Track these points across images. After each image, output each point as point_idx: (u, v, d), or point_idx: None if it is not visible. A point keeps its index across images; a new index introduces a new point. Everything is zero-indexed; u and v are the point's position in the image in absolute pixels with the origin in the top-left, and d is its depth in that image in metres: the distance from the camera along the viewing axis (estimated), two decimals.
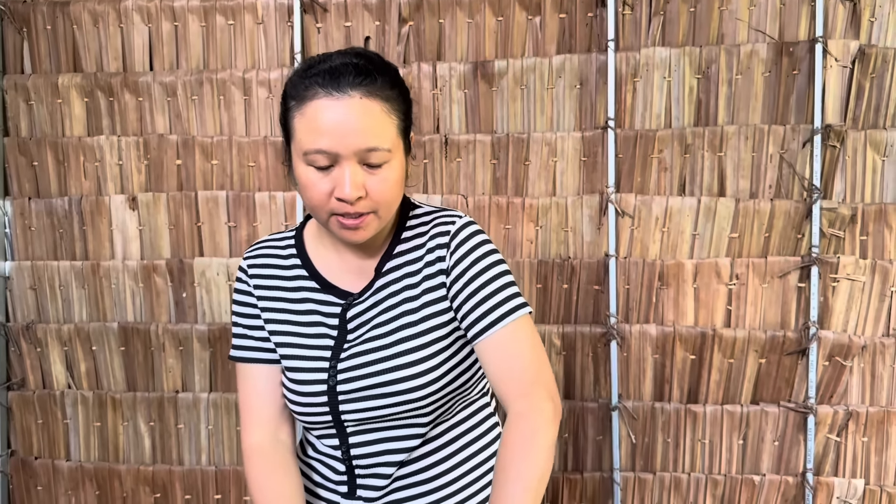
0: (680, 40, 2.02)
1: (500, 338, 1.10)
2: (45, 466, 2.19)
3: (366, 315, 1.15)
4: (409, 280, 1.15)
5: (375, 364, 1.12)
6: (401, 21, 2.07)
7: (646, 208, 2.03)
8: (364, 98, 1.02)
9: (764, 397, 2.02)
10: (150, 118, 2.14)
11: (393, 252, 1.17)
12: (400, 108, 1.08)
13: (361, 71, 1.03)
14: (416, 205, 1.23)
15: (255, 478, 1.18)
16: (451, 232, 1.14)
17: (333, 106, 1.01)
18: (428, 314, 1.14)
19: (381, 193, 1.05)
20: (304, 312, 1.18)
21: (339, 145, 1.01)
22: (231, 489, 2.13)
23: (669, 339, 2.02)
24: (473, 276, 1.12)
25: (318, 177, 1.04)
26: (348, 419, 1.14)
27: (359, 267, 1.17)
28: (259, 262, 1.22)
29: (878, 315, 2.00)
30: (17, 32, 2.16)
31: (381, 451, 1.16)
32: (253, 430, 1.21)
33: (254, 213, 2.11)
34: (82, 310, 2.17)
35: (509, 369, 1.10)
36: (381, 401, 1.11)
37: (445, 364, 1.13)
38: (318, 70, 1.04)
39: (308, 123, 1.02)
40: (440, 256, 1.14)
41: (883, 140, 1.98)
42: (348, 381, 1.12)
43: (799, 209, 1.98)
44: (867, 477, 2.01)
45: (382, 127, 1.04)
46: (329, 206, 1.05)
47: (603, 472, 2.07)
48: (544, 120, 2.06)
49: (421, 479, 1.18)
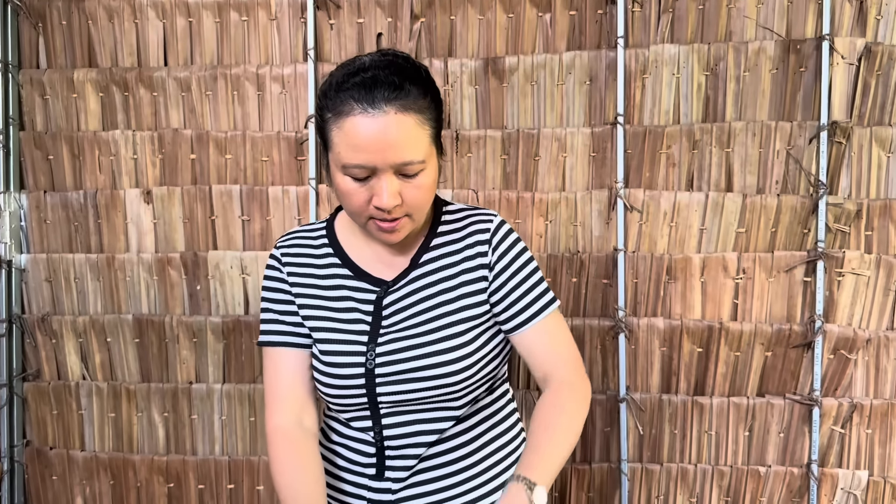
0: (688, 37, 2.05)
1: (542, 327, 1.22)
2: (59, 456, 2.23)
3: (403, 302, 1.20)
4: (447, 272, 1.22)
5: (414, 349, 1.17)
6: (412, 17, 2.10)
7: (654, 203, 2.05)
8: (398, 113, 1.07)
9: (770, 390, 2.05)
10: (164, 113, 2.17)
11: (430, 245, 1.24)
12: (432, 116, 1.13)
13: (395, 84, 1.07)
14: (447, 202, 1.30)
15: (279, 459, 1.21)
16: (491, 230, 1.23)
17: (370, 123, 1.06)
18: (465, 304, 1.21)
19: (415, 199, 1.12)
20: (339, 298, 1.23)
21: (377, 160, 1.07)
22: (244, 479, 2.16)
23: (677, 332, 2.05)
24: (514, 272, 1.22)
25: (356, 186, 1.10)
26: (384, 401, 1.19)
27: (391, 256, 1.24)
28: (292, 251, 1.27)
29: (883, 309, 2.03)
30: (33, 27, 2.19)
31: (413, 432, 1.21)
32: (278, 413, 1.25)
33: (267, 207, 2.14)
34: (97, 302, 2.20)
35: (554, 353, 1.22)
36: (418, 384, 1.17)
37: (479, 350, 1.20)
38: (352, 83, 1.08)
39: (346, 139, 1.07)
40: (481, 252, 1.22)
41: (888, 137, 2.01)
42: (387, 365, 1.17)
43: (805, 204, 2.01)
44: (871, 468, 2.04)
45: (417, 140, 1.09)
46: (368, 212, 1.12)
47: (611, 463, 2.10)
48: (554, 116, 2.09)
49: (446, 460, 1.23)
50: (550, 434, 1.15)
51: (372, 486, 1.24)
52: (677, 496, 2.08)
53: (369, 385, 1.18)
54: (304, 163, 2.13)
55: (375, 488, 1.24)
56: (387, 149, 1.07)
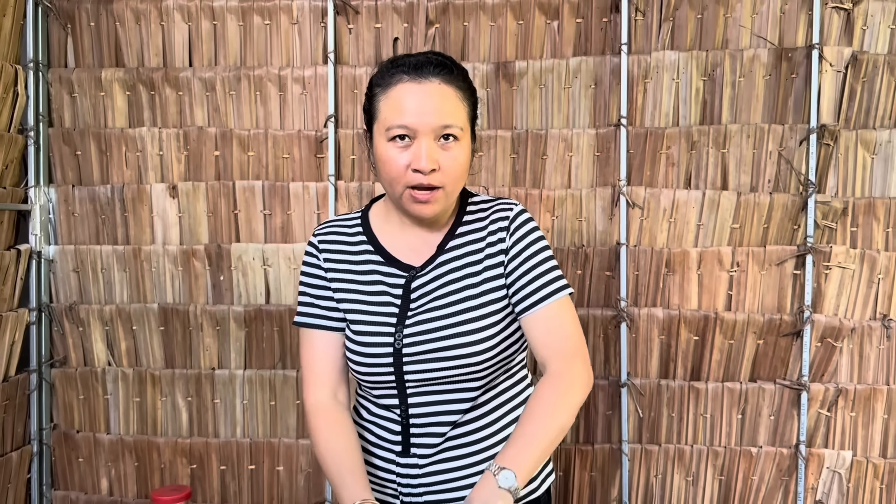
0: (688, 45, 2.18)
1: (547, 312, 1.27)
2: (86, 439, 2.32)
3: (429, 286, 1.30)
4: (471, 258, 1.30)
5: (439, 330, 1.26)
6: (428, 23, 2.22)
7: (654, 200, 2.18)
8: (442, 84, 1.21)
9: (761, 375, 2.19)
10: (189, 111, 2.27)
11: (455, 232, 1.32)
12: (470, 99, 1.26)
13: (441, 64, 1.22)
14: (473, 194, 1.39)
15: (320, 430, 1.31)
16: (511, 217, 1.31)
17: (416, 89, 1.20)
18: (487, 288, 1.29)
19: (451, 169, 1.22)
20: (371, 283, 1.33)
21: (419, 122, 1.19)
22: (265, 460, 2.27)
23: (675, 322, 2.18)
24: (527, 257, 1.28)
25: (397, 152, 1.21)
26: (410, 379, 1.28)
27: (420, 244, 1.32)
28: (328, 239, 1.37)
29: (867, 300, 2.17)
30: (62, 28, 2.28)
31: (436, 411, 1.31)
32: (315, 389, 1.35)
33: (288, 202, 2.25)
34: (123, 291, 2.31)
35: (554, 338, 1.27)
36: (442, 363, 1.26)
37: (500, 334, 1.29)
38: (403, 62, 1.23)
39: (393, 103, 1.21)
40: (501, 238, 1.30)
41: (873, 139, 2.14)
42: (413, 345, 1.27)
43: (795, 202, 2.15)
44: (854, 449, 2.18)
45: (456, 109, 1.22)
46: (406, 178, 1.21)
47: (612, 444, 2.23)
48: (561, 117, 2.21)
49: (470, 440, 1.32)
50: (533, 421, 1.18)
51: (400, 461, 1.34)
52: (674, 475, 2.21)
53: (397, 364, 1.28)
54: (324, 160, 2.24)
55: (403, 464, 1.34)
56: (429, 112, 1.19)
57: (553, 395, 1.21)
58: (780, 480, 2.19)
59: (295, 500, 2.29)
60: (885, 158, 2.14)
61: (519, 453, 1.15)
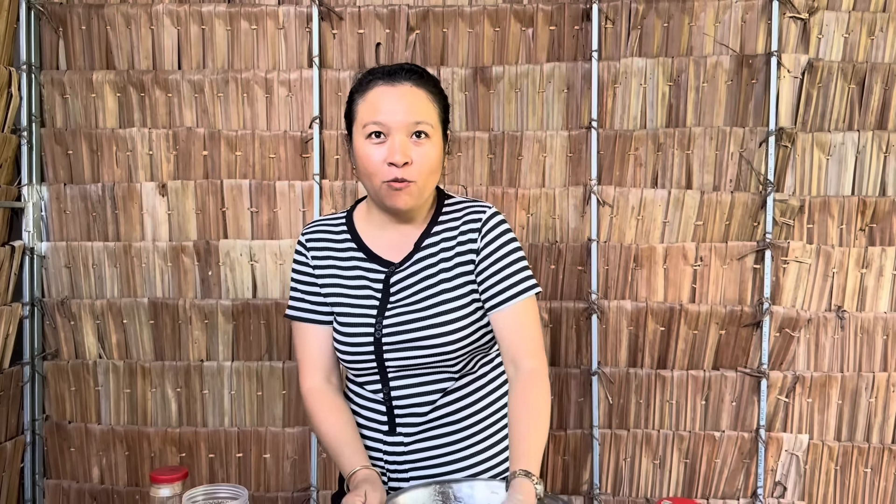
0: (654, 52, 2.30)
1: (515, 310, 1.37)
2: (77, 430, 2.40)
3: (407, 281, 1.40)
4: (445, 254, 1.40)
5: (416, 322, 1.37)
6: (409, 29, 2.32)
7: (623, 199, 2.30)
8: (413, 86, 1.34)
9: (723, 364, 2.32)
10: (178, 113, 2.36)
11: (431, 231, 1.42)
12: (440, 103, 1.38)
13: (412, 70, 1.35)
14: (449, 195, 1.49)
15: (317, 412, 1.42)
16: (483, 220, 1.40)
17: (389, 90, 1.32)
18: (460, 283, 1.39)
19: (422, 164, 1.32)
20: (354, 278, 1.43)
21: (392, 119, 1.30)
22: (252, 448, 2.36)
23: (642, 313, 2.31)
24: (498, 258, 1.38)
25: (373, 148, 1.32)
26: (391, 366, 1.39)
27: (400, 241, 1.42)
28: (315, 237, 1.47)
29: (822, 293, 2.30)
30: (54, 31, 2.36)
31: (416, 392, 1.41)
32: (309, 376, 1.46)
33: (274, 200, 2.34)
34: (114, 286, 2.38)
35: (522, 335, 1.37)
36: (419, 351, 1.37)
37: (473, 325, 1.39)
38: (379, 71, 1.36)
39: (369, 104, 1.33)
40: (472, 239, 1.40)
41: (828, 141, 2.28)
42: (392, 335, 1.38)
43: (755, 200, 2.28)
44: (811, 432, 2.32)
45: (427, 108, 1.34)
46: (382, 172, 1.31)
47: (584, 430, 2.35)
48: (535, 120, 2.32)
49: (451, 420, 1.43)
50: (533, 426, 1.27)
51: (387, 440, 1.44)
52: (642, 458, 2.34)
53: (377, 352, 1.38)
54: (309, 160, 2.33)
55: (389, 442, 1.44)
56: (401, 111, 1.31)
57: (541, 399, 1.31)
58: (741, 463, 2.32)
59: (281, 486, 2.38)
60: (839, 159, 2.28)
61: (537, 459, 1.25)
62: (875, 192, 2.28)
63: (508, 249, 1.39)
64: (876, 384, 2.28)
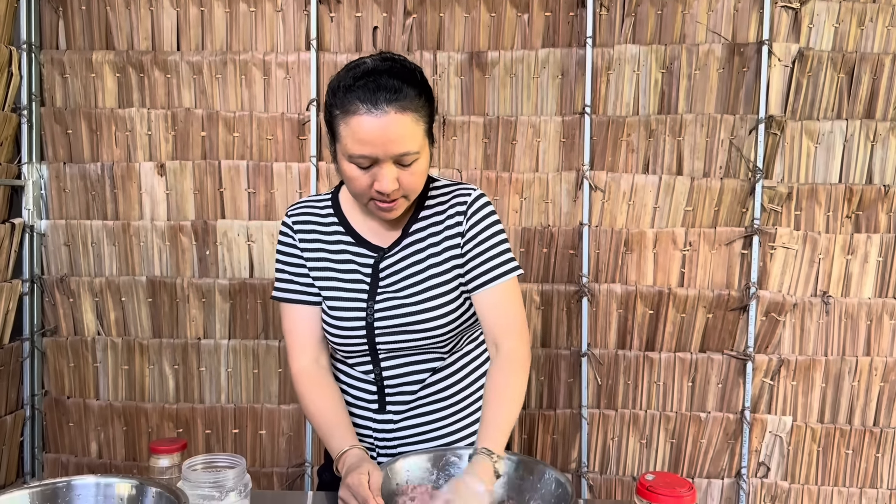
0: (648, 39, 2.33)
1: (497, 291, 1.40)
2: (76, 405, 2.44)
3: (396, 266, 1.42)
4: (433, 239, 1.42)
5: (407, 306, 1.40)
6: (405, 14, 2.35)
7: (615, 184, 2.34)
8: (398, 113, 1.24)
9: (710, 346, 2.37)
10: (177, 93, 2.38)
11: (418, 217, 1.44)
12: (426, 113, 1.32)
13: (394, 87, 1.24)
14: (434, 178, 1.49)
15: (306, 392, 1.45)
16: (468, 203, 1.42)
17: (373, 122, 1.23)
18: (448, 267, 1.42)
19: (411, 184, 1.32)
20: (343, 261, 1.44)
21: (378, 152, 1.26)
22: (248, 424, 2.41)
23: (632, 297, 2.35)
24: (482, 240, 1.41)
25: (360, 173, 1.29)
26: (382, 348, 1.42)
27: (387, 226, 1.44)
28: (301, 219, 1.47)
29: (808, 278, 2.35)
30: (54, 11, 2.38)
31: (406, 372, 1.45)
32: (299, 356, 1.48)
33: (271, 181, 2.37)
34: (112, 265, 2.42)
35: (504, 315, 1.41)
36: (411, 334, 1.40)
37: (461, 307, 1.43)
38: (357, 86, 1.25)
39: (352, 134, 1.25)
40: (458, 222, 1.42)
41: (816, 129, 2.32)
42: (384, 319, 1.40)
43: (744, 187, 2.32)
44: (795, 414, 2.38)
45: (412, 135, 1.28)
46: (369, 194, 1.32)
47: (573, 409, 2.40)
48: (530, 105, 2.36)
49: (439, 397, 1.47)
50: (503, 407, 1.32)
51: (376, 418, 1.48)
52: (630, 438, 2.39)
53: (369, 335, 1.41)
54: (306, 142, 2.36)
55: (379, 419, 1.48)
56: (387, 143, 1.24)
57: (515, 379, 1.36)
58: (726, 443, 2.38)
59: (277, 461, 2.43)
60: (827, 147, 2.32)
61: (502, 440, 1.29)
62: (862, 180, 2.33)
63: (492, 231, 1.42)
64: (859, 368, 2.34)
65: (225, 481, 1.13)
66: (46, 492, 1.07)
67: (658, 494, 1.15)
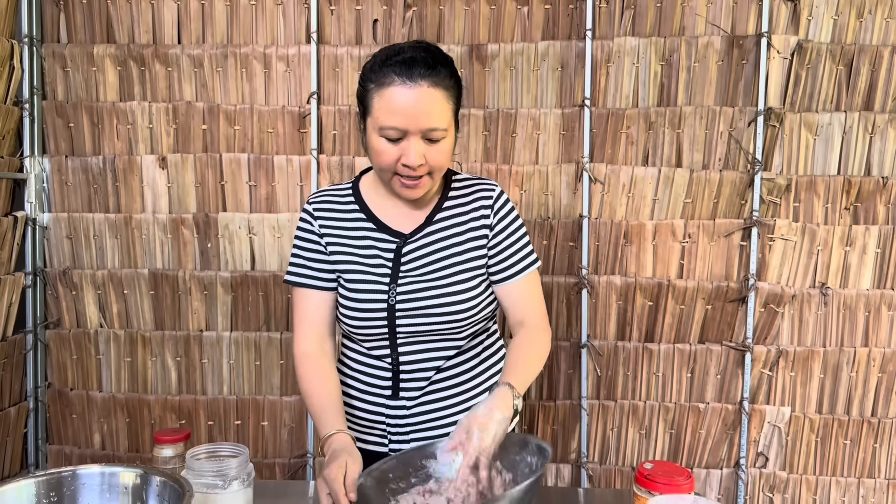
0: (647, 31, 2.34)
1: (522, 282, 1.48)
2: (79, 397, 2.46)
3: (419, 252, 1.45)
4: (456, 229, 1.47)
5: (429, 290, 1.43)
6: (406, 6, 2.35)
7: (614, 176, 2.36)
8: (430, 87, 1.30)
9: (709, 338, 2.38)
10: (178, 87, 2.39)
11: (442, 206, 1.48)
12: (455, 95, 1.38)
13: (429, 63, 1.30)
14: (455, 171, 1.54)
15: (306, 375, 1.47)
16: (494, 197, 1.48)
17: (407, 93, 1.29)
18: (470, 256, 1.46)
19: (437, 161, 1.36)
20: (365, 246, 1.47)
21: (409, 124, 1.30)
22: (250, 415, 2.43)
23: (631, 288, 2.37)
24: (508, 234, 1.48)
25: (388, 146, 1.33)
26: (402, 331, 1.45)
27: (409, 213, 1.47)
28: (322, 206, 1.51)
29: (807, 270, 2.37)
30: (55, 5, 2.38)
31: (423, 358, 1.48)
32: (304, 340, 1.50)
33: (272, 174, 2.39)
34: (115, 257, 2.44)
35: (528, 304, 1.49)
36: (431, 318, 1.43)
37: (480, 295, 1.46)
38: (394, 61, 1.32)
39: (385, 104, 1.31)
40: (485, 215, 1.47)
41: (815, 122, 2.33)
42: (406, 302, 1.43)
43: (743, 179, 2.33)
44: (793, 405, 2.39)
45: (442, 111, 1.33)
46: (395, 169, 1.35)
47: (573, 400, 2.42)
48: (530, 98, 2.37)
49: (451, 384, 1.50)
50: (526, 356, 1.41)
51: (389, 404, 1.50)
52: (629, 428, 2.41)
53: (390, 317, 1.44)
54: (307, 135, 2.37)
55: (392, 405, 1.50)
56: (419, 115, 1.29)
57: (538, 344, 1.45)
58: (725, 434, 2.40)
59: (279, 452, 2.45)
60: (826, 139, 2.33)
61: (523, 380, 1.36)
62: (860, 171, 2.34)
63: (516, 226, 1.50)
64: (857, 359, 2.35)
65: (228, 470, 1.15)
66: (52, 481, 1.09)
67: (656, 483, 1.17)
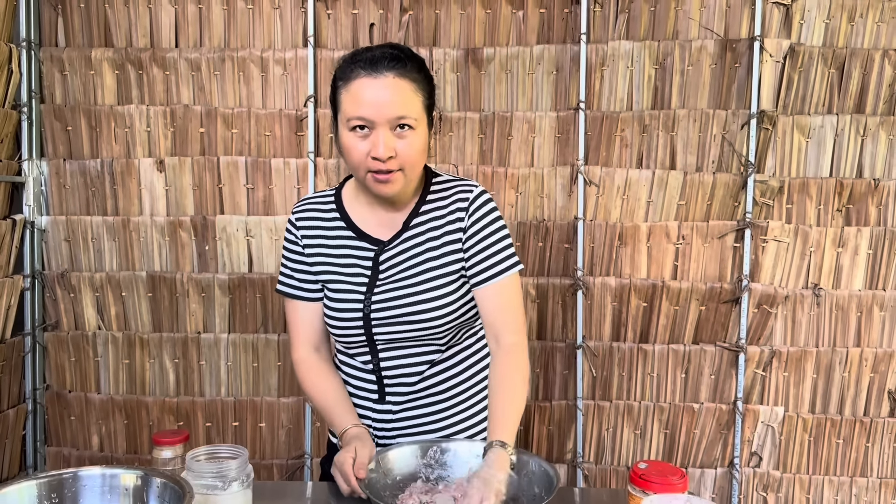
0: (641, 35, 2.36)
1: (499, 286, 1.43)
2: (78, 399, 2.47)
3: (396, 259, 1.45)
4: (433, 233, 1.45)
5: (403, 298, 1.43)
6: (402, 10, 2.37)
7: (609, 178, 2.38)
8: (396, 77, 1.31)
9: (703, 338, 2.41)
10: (175, 90, 2.41)
11: (419, 210, 1.46)
12: (425, 89, 1.37)
13: (395, 57, 1.32)
14: (437, 173, 1.53)
15: (307, 378, 1.50)
16: (470, 199, 1.45)
17: (372, 83, 1.29)
18: (447, 261, 1.44)
19: (407, 155, 1.34)
20: (343, 256, 1.48)
21: (376, 114, 1.30)
22: (248, 417, 2.44)
23: (626, 290, 2.39)
24: (484, 235, 1.43)
25: (358, 141, 1.33)
26: (379, 339, 1.46)
27: (388, 220, 1.47)
28: (305, 216, 1.51)
29: (799, 271, 2.39)
30: (53, 9, 2.40)
31: (405, 363, 1.48)
32: (300, 346, 1.53)
33: (269, 176, 2.40)
34: (113, 260, 2.45)
35: (505, 310, 1.43)
36: (407, 325, 1.43)
37: (459, 300, 1.45)
38: (361, 58, 1.33)
39: (352, 97, 1.32)
40: (460, 218, 1.44)
41: (807, 124, 2.35)
42: (380, 311, 1.43)
43: (736, 181, 2.36)
44: (786, 405, 2.41)
45: (410, 101, 1.33)
46: (366, 164, 1.34)
47: (568, 401, 2.44)
48: (525, 101, 2.39)
49: (439, 389, 1.50)
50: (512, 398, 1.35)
51: (376, 408, 1.51)
52: (624, 428, 2.43)
53: (366, 327, 1.44)
54: (304, 138, 2.39)
55: (379, 409, 1.51)
56: (384, 105, 1.28)
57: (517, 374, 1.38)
58: (719, 433, 2.42)
59: (276, 453, 2.47)
60: (818, 142, 2.35)
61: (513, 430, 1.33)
62: (852, 174, 2.36)
63: (494, 228, 1.44)
64: (849, 359, 2.37)
65: (228, 471, 1.16)
66: (53, 482, 1.10)
67: (651, 482, 1.18)
